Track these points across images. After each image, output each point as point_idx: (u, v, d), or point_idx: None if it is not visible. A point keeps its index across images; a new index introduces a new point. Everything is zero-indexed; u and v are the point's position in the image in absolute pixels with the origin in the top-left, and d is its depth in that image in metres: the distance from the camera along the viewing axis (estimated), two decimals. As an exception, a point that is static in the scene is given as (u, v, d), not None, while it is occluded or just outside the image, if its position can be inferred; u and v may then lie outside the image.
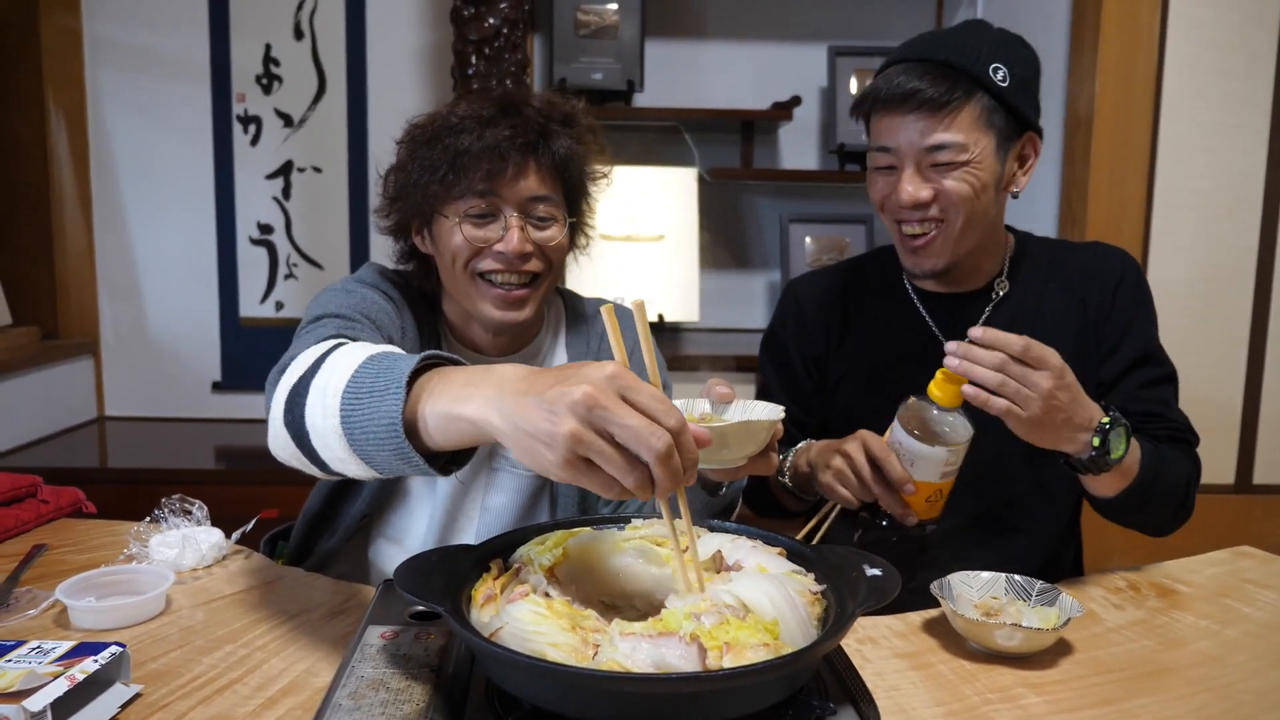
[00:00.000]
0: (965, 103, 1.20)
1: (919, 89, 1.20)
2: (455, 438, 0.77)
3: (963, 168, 1.22)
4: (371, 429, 0.79)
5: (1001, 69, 1.22)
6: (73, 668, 0.82)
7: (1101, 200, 2.43)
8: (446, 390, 0.76)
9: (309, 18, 2.96)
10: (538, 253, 1.22)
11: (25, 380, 2.67)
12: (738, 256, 3.18)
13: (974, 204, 1.24)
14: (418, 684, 0.78)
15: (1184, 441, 1.32)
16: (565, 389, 0.67)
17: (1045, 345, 1.08)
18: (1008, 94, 1.22)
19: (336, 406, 0.81)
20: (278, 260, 3.05)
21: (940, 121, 1.20)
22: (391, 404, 0.77)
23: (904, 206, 1.24)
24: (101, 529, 1.35)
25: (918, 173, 1.23)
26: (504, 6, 2.64)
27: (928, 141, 1.21)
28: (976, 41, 1.23)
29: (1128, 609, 1.12)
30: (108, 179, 2.98)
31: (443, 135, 1.19)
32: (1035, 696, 0.91)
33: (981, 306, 1.35)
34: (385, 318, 1.21)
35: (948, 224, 1.25)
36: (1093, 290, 1.34)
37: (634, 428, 0.66)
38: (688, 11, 3.09)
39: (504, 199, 1.20)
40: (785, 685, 0.71)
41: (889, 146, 1.24)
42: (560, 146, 1.22)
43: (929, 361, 1.33)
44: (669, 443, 0.67)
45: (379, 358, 0.84)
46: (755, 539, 0.88)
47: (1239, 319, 2.49)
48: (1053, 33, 2.56)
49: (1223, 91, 2.42)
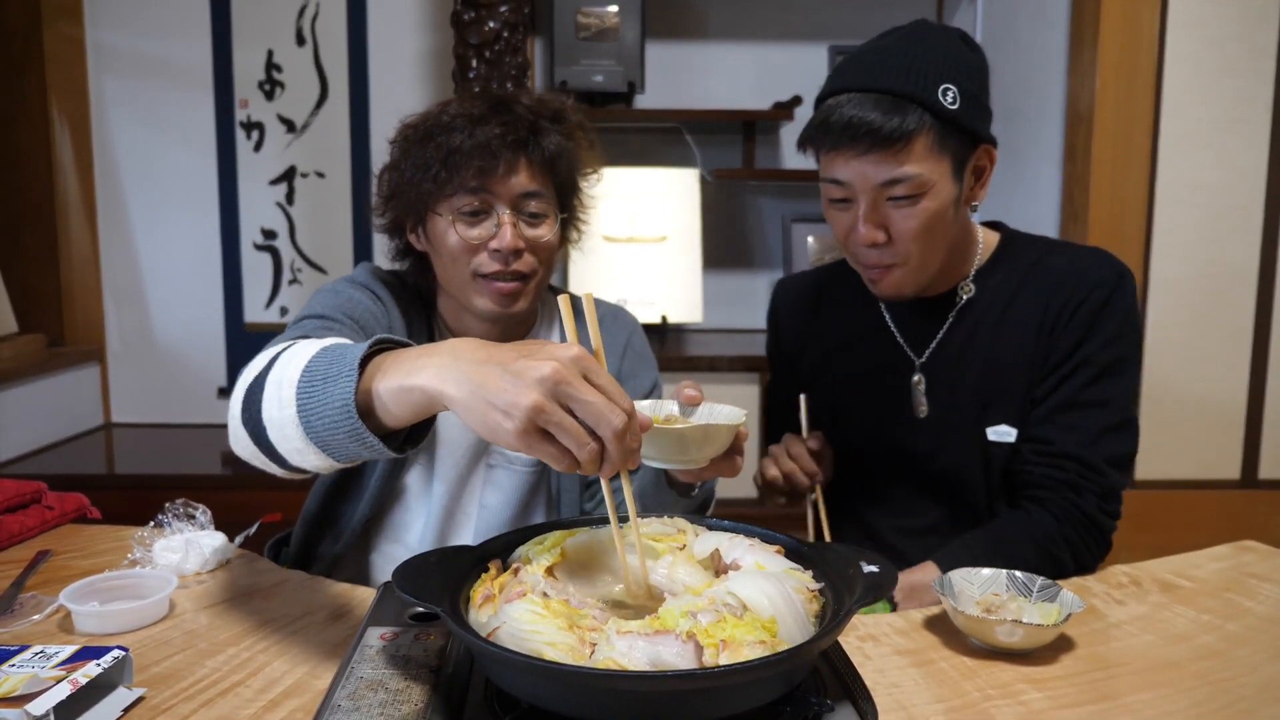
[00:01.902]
0: (917, 133, 1.14)
1: (869, 124, 1.13)
2: (409, 410, 0.78)
3: (920, 199, 1.17)
4: (326, 413, 0.80)
5: (951, 89, 1.15)
6: (75, 672, 0.82)
7: (1103, 198, 2.43)
8: (399, 365, 0.79)
9: (310, 24, 2.98)
10: (530, 249, 1.23)
11: (32, 387, 2.69)
12: (740, 257, 3.19)
13: (931, 236, 1.21)
14: (417, 684, 0.78)
15: (1071, 487, 1.23)
16: (533, 363, 0.71)
17: None
18: (959, 115, 1.16)
19: (292, 396, 0.83)
20: (281, 265, 3.06)
21: (893, 157, 1.15)
22: (345, 386, 0.79)
23: (860, 246, 1.22)
24: (106, 534, 1.36)
25: (874, 209, 1.19)
26: (504, 10, 2.64)
27: (882, 178, 1.16)
28: (923, 60, 1.16)
29: (1129, 604, 1.11)
30: (112, 186, 2.99)
31: (435, 134, 1.20)
32: (1036, 692, 0.91)
33: (946, 312, 1.33)
34: (370, 317, 1.23)
35: (903, 261, 1.23)
36: (1062, 300, 1.26)
37: (596, 405, 0.71)
38: (688, 12, 3.09)
39: (496, 195, 1.21)
40: (782, 682, 0.71)
41: (842, 180, 1.19)
42: (550, 143, 1.22)
43: (894, 366, 1.35)
44: (625, 420, 0.72)
45: (333, 348, 0.86)
46: (753, 537, 0.88)
47: (1242, 315, 2.48)
48: (1053, 29, 2.55)
49: (1224, 88, 2.42)
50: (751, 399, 2.72)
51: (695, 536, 0.88)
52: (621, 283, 2.90)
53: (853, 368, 1.39)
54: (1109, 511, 1.25)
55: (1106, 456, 1.24)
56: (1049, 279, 1.28)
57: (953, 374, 1.31)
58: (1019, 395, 1.28)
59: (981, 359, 1.29)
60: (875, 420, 1.35)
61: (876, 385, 1.36)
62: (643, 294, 2.90)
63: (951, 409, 1.31)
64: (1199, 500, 2.53)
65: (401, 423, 0.80)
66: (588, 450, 0.72)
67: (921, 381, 1.32)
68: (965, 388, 1.30)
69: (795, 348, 1.47)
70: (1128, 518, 1.30)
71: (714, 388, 2.69)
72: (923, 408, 1.32)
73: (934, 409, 1.32)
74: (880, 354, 1.36)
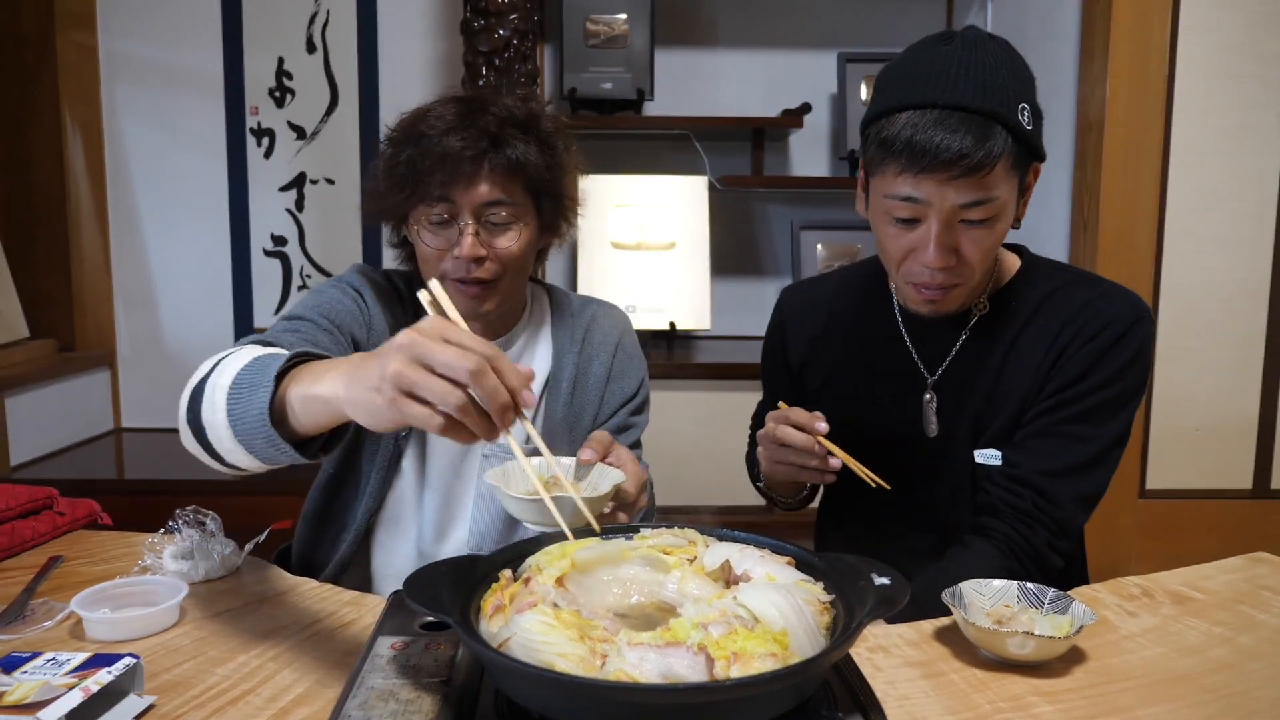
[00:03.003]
0: (1002, 156, 1.09)
1: (962, 150, 1.07)
2: (315, 417, 0.87)
3: (992, 221, 1.13)
4: (249, 420, 0.89)
5: (1027, 108, 1.11)
6: (87, 679, 0.82)
7: (1114, 204, 2.42)
8: (307, 377, 0.87)
9: (321, 31, 2.99)
10: (493, 257, 1.26)
11: (43, 392, 2.70)
12: (749, 264, 3.19)
13: (989, 257, 1.19)
14: (427, 694, 0.78)
15: (1025, 549, 1.19)
16: (391, 341, 0.78)
17: None
18: (1032, 135, 1.12)
19: (224, 402, 0.92)
20: (291, 272, 3.07)
21: (979, 181, 1.09)
22: (263, 396, 0.88)
23: (930, 268, 1.16)
24: (116, 541, 1.36)
25: (948, 230, 1.13)
26: (514, 18, 2.65)
27: (963, 200, 1.11)
28: (1001, 76, 1.10)
29: (1141, 616, 1.11)
30: (124, 192, 3.01)
31: (406, 143, 1.25)
32: (1048, 705, 0.90)
33: (960, 329, 1.30)
34: (348, 316, 1.29)
35: (965, 281, 1.20)
36: (1069, 328, 1.23)
37: (448, 354, 0.75)
38: (697, 20, 3.09)
39: (459, 205, 1.24)
40: (793, 695, 0.71)
41: (919, 199, 1.12)
42: (515, 152, 1.24)
43: (906, 381, 1.32)
44: (479, 362, 0.75)
45: (263, 358, 0.94)
46: (764, 548, 0.88)
47: (1254, 323, 2.47)
48: (1063, 36, 2.55)
49: (1235, 94, 2.41)
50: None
51: (705, 548, 0.88)
52: (630, 289, 2.90)
53: (863, 380, 1.37)
54: (1058, 549, 1.22)
55: (1070, 491, 1.21)
56: (1066, 310, 1.24)
57: (958, 393, 1.29)
58: (1012, 422, 1.25)
59: (986, 382, 1.27)
60: (882, 435, 1.31)
61: (886, 400, 1.33)
62: (651, 301, 2.90)
63: (954, 428, 1.29)
64: (1210, 510, 2.52)
65: (312, 430, 0.88)
66: (453, 399, 0.75)
67: (934, 400, 1.30)
68: (966, 408, 1.28)
69: (802, 357, 1.44)
70: (1138, 527, 1.29)
71: (721, 395, 2.69)
72: (933, 426, 1.30)
73: (940, 428, 1.30)
74: (893, 367, 1.34)
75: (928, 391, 1.31)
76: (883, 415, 1.33)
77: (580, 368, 1.40)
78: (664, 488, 2.72)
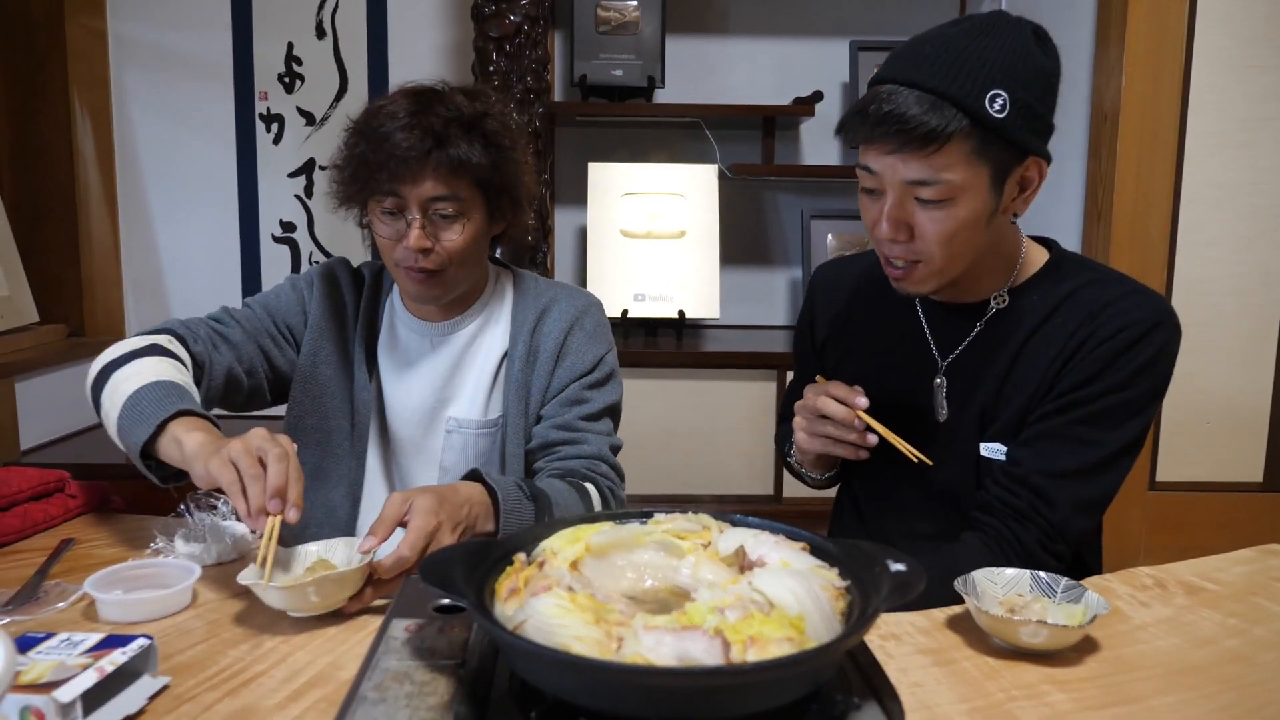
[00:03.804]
0: (953, 137, 1.08)
1: (903, 121, 1.08)
2: (172, 459, 1.16)
3: (948, 204, 1.13)
4: (129, 441, 1.18)
5: (1001, 96, 1.09)
6: (102, 659, 0.83)
7: (1128, 195, 2.41)
8: (183, 429, 1.15)
9: (331, 17, 2.98)
10: (438, 249, 1.33)
11: (53, 377, 2.70)
12: (759, 253, 3.18)
13: (954, 242, 1.16)
14: (442, 676, 0.78)
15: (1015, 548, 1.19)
16: (232, 441, 1.10)
17: None
18: (1006, 125, 1.09)
19: (118, 409, 1.20)
20: (300, 258, 3.07)
21: (925, 158, 1.10)
22: (144, 431, 1.16)
23: (883, 240, 1.19)
24: (129, 524, 1.37)
25: (899, 206, 1.15)
26: (525, 4, 2.64)
27: (910, 176, 1.12)
28: (978, 61, 1.09)
29: (1154, 607, 1.11)
30: (133, 178, 3.01)
31: (362, 138, 1.32)
32: (1060, 694, 0.90)
33: (976, 319, 1.29)
34: (287, 310, 1.47)
35: (926, 261, 1.19)
36: (1086, 327, 1.20)
37: (244, 462, 1.07)
38: (709, 7, 3.08)
39: (407, 199, 1.31)
40: (809, 680, 0.71)
41: (872, 169, 1.16)
42: (459, 151, 1.30)
43: (919, 365, 1.33)
44: (257, 477, 1.06)
45: (164, 385, 1.20)
46: (778, 534, 0.88)
47: (1267, 316, 2.46)
48: (1079, 25, 2.53)
49: (1252, 86, 2.40)
50: (767, 396, 2.71)
51: (720, 533, 0.88)
52: (639, 278, 2.90)
53: (877, 360, 1.37)
54: (1052, 551, 1.20)
55: (1069, 495, 1.19)
56: (1085, 309, 1.21)
57: (969, 382, 1.29)
58: (1018, 416, 1.24)
59: (995, 374, 1.26)
60: (895, 417, 1.30)
61: (899, 382, 1.34)
62: (660, 289, 2.90)
63: (962, 417, 1.29)
64: (1221, 503, 2.51)
65: (171, 464, 1.17)
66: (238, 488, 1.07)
67: (944, 384, 1.30)
68: (975, 398, 1.28)
69: (826, 333, 1.45)
70: (1148, 520, 1.29)
71: (730, 384, 2.69)
72: (943, 411, 1.30)
73: (949, 413, 1.30)
74: (907, 350, 1.34)
75: (939, 376, 1.31)
76: (896, 397, 1.32)
77: (533, 346, 1.46)
78: (672, 476, 2.73)
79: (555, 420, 1.44)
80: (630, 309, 2.86)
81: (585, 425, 1.44)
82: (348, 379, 1.46)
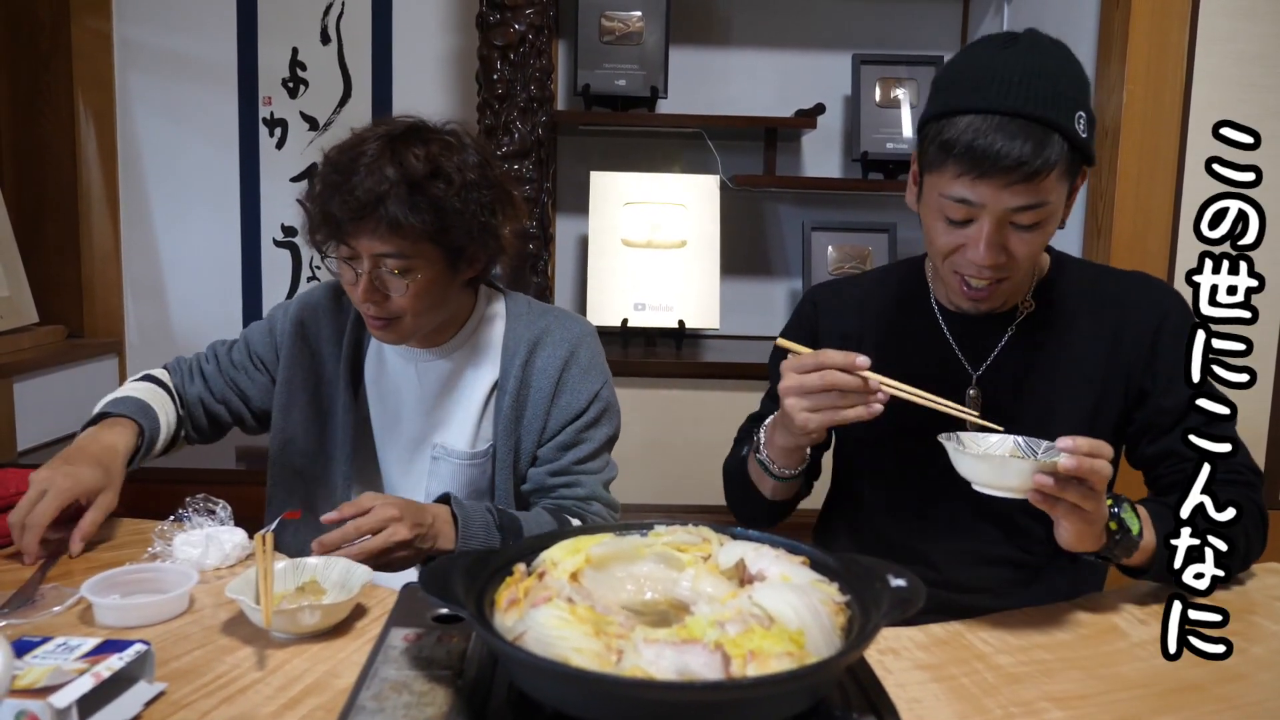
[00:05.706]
0: (1058, 164, 1.11)
1: (1020, 157, 1.09)
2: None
3: (1043, 224, 1.16)
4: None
5: (1083, 116, 1.13)
6: (98, 665, 0.82)
7: (1128, 212, 2.41)
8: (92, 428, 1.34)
9: (335, 22, 2.99)
10: (388, 303, 1.33)
11: (51, 379, 2.70)
12: (759, 264, 3.18)
13: (1039, 253, 1.22)
14: (440, 687, 0.78)
15: (1247, 485, 1.25)
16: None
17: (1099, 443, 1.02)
18: (1086, 142, 1.14)
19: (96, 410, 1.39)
20: (301, 263, 3.07)
21: (1033, 186, 1.11)
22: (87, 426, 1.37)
23: (980, 265, 1.18)
24: (126, 527, 1.37)
25: (998, 231, 1.16)
26: (529, 13, 2.64)
27: (1013, 204, 1.13)
28: (1062, 84, 1.12)
29: (1153, 624, 1.10)
30: (135, 180, 3.01)
31: (327, 180, 1.32)
32: (1059, 711, 0.90)
33: (1005, 326, 1.31)
34: (261, 345, 1.53)
35: (1012, 279, 1.22)
36: (1129, 322, 1.28)
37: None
38: (712, 19, 3.09)
39: (358, 250, 1.31)
40: (808, 695, 0.71)
41: (974, 202, 1.14)
42: (398, 213, 1.27)
43: (948, 379, 1.32)
44: (25, 514, 1.20)
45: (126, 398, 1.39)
46: (779, 548, 0.88)
47: (1266, 335, 2.46)
48: (1080, 42, 2.54)
49: (1252, 104, 2.40)
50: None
51: (720, 546, 0.88)
52: (639, 287, 2.90)
53: (903, 378, 1.36)
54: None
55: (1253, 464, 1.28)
56: (1111, 302, 1.29)
57: (1013, 388, 1.29)
58: (1083, 413, 1.27)
59: (1044, 376, 1.28)
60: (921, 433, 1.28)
61: None
62: (660, 299, 2.90)
63: (1008, 423, 1.28)
64: (1218, 520, 2.51)
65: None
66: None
67: (979, 395, 1.30)
68: (1026, 403, 1.28)
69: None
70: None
71: (729, 395, 2.68)
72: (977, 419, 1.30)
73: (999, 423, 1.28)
74: (933, 363, 1.33)
75: (972, 388, 1.30)
76: (922, 413, 1.31)
77: (525, 379, 1.45)
78: (672, 487, 2.72)
79: (551, 466, 1.46)
80: (630, 318, 2.86)
81: (579, 469, 1.46)
82: (329, 407, 1.49)
